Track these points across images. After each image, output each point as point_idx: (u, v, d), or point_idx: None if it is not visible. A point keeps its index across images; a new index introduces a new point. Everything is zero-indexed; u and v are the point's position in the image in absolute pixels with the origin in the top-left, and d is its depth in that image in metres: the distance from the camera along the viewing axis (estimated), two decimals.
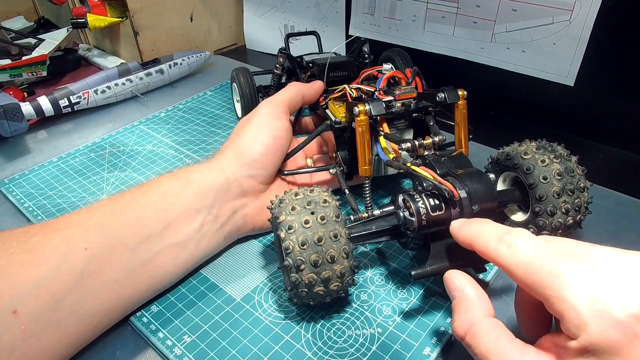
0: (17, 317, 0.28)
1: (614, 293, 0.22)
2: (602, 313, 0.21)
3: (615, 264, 0.24)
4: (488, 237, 0.27)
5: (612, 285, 0.22)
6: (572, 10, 0.51)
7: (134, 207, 0.35)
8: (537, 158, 0.36)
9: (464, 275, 0.29)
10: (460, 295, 0.28)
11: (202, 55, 0.75)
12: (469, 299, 0.28)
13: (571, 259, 0.24)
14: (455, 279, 0.29)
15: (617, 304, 0.21)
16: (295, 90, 0.45)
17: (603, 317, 0.21)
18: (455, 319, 0.27)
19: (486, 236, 0.28)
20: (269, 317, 0.36)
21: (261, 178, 0.41)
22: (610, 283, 0.22)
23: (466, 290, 0.28)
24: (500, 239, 0.26)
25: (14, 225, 0.46)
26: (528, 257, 0.25)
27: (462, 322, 0.27)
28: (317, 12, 0.77)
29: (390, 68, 0.50)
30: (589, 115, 0.57)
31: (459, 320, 0.27)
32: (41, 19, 0.93)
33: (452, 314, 0.28)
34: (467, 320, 0.27)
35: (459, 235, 0.30)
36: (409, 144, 0.36)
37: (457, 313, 0.28)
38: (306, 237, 0.31)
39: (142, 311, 0.36)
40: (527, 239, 0.26)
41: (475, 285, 0.28)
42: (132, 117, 0.64)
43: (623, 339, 0.21)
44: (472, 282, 0.29)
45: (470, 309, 0.27)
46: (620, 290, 0.22)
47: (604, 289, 0.22)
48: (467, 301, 0.28)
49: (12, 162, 0.56)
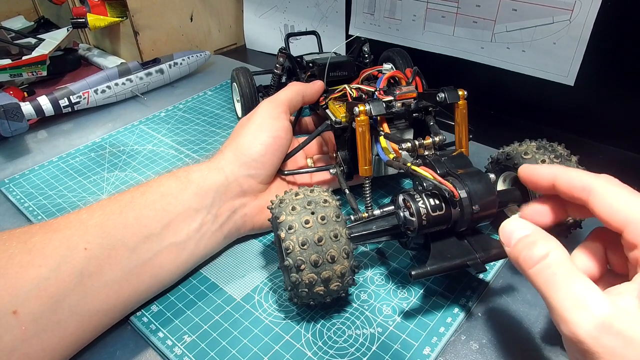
0: (17, 317, 0.28)
1: None
2: None
3: None
4: (582, 176, 0.28)
5: None
6: (572, 10, 0.51)
7: (133, 207, 0.35)
8: (537, 158, 0.36)
9: (527, 220, 0.29)
10: (532, 231, 0.27)
11: (202, 55, 0.75)
12: (542, 232, 0.27)
13: None
14: (521, 221, 0.29)
15: None
16: (295, 90, 0.45)
17: None
18: (530, 247, 0.26)
19: (579, 176, 0.28)
20: (269, 317, 0.36)
21: (260, 178, 0.41)
22: None
23: (537, 228, 0.28)
24: (596, 178, 0.27)
25: (14, 225, 0.46)
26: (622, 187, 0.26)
27: (539, 250, 0.26)
28: (317, 12, 0.77)
29: (391, 68, 0.49)
30: (589, 115, 0.57)
31: (537, 248, 0.26)
32: (41, 18, 0.93)
33: (519, 246, 0.27)
34: (548, 247, 0.26)
35: (541, 172, 0.30)
36: (409, 143, 0.36)
37: (533, 243, 0.26)
38: (306, 237, 0.31)
39: (142, 311, 0.36)
40: (622, 190, 0.26)
41: None
42: (132, 117, 0.64)
43: None
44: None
45: (547, 239, 0.27)
46: None
47: None
48: (541, 234, 0.27)
49: (12, 162, 0.56)
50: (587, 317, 0.22)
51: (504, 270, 0.39)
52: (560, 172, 0.29)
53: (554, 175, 0.29)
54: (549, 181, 0.29)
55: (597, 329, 0.22)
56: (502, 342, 0.33)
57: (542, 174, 0.30)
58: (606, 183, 0.27)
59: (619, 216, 0.25)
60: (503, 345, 0.33)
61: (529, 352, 0.33)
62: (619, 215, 0.25)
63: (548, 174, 0.30)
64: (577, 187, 0.28)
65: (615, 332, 0.22)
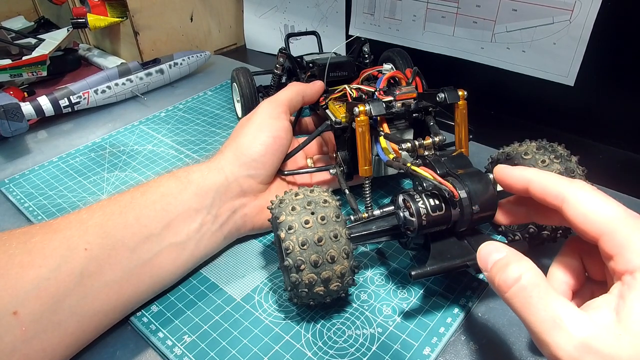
0: (17, 318, 0.28)
1: None
2: None
3: None
4: (556, 183, 0.27)
5: None
6: (572, 10, 0.51)
7: (133, 208, 0.35)
8: (537, 158, 0.36)
9: (503, 244, 0.28)
10: (507, 254, 0.27)
11: (202, 55, 0.75)
12: (516, 255, 0.27)
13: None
14: (496, 244, 0.28)
15: None
16: (295, 90, 0.45)
17: None
18: (504, 270, 0.26)
19: (553, 182, 0.28)
20: (269, 317, 0.36)
21: (260, 178, 0.41)
22: None
23: (511, 251, 0.27)
24: (570, 185, 0.27)
25: (14, 225, 0.46)
26: (602, 215, 0.25)
27: (513, 273, 0.25)
28: (317, 12, 0.77)
29: (391, 68, 0.50)
30: (589, 115, 0.57)
31: (511, 270, 0.26)
32: (41, 19, 0.93)
33: (495, 269, 0.27)
34: (521, 269, 0.25)
35: (514, 175, 0.30)
36: (409, 144, 0.36)
37: (507, 265, 0.26)
38: (306, 237, 0.31)
39: (142, 311, 0.36)
40: (596, 195, 0.26)
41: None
42: (132, 117, 0.64)
43: None
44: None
45: (520, 261, 0.26)
46: None
47: None
48: (515, 257, 0.26)
49: (12, 162, 0.56)
50: (566, 339, 0.22)
51: None
52: (535, 176, 0.29)
53: (527, 180, 0.29)
54: (523, 185, 0.29)
55: (577, 349, 0.22)
56: (502, 342, 0.33)
57: (515, 177, 0.30)
58: (580, 190, 0.26)
59: (594, 227, 0.25)
60: (503, 346, 0.33)
61: (528, 352, 0.33)
62: (593, 226, 0.25)
63: (521, 178, 0.29)
64: (551, 194, 0.27)
65: (595, 351, 0.22)
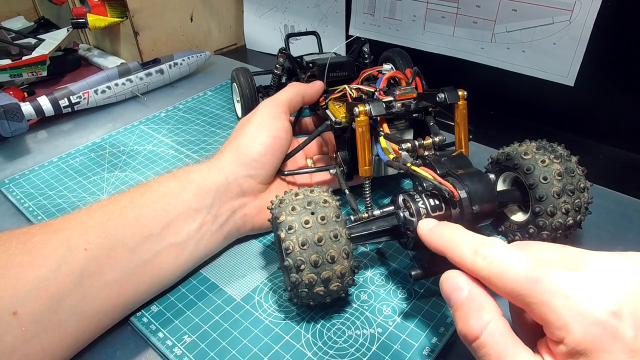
0: (17, 318, 0.29)
1: (590, 293, 0.22)
2: (582, 312, 0.21)
3: (590, 264, 0.24)
4: (463, 249, 0.27)
5: (588, 285, 0.22)
6: (572, 10, 0.51)
7: (133, 208, 0.35)
8: (537, 158, 0.36)
9: (464, 275, 0.27)
10: (468, 294, 0.26)
11: (202, 55, 0.75)
12: (478, 298, 0.26)
13: (545, 263, 0.24)
14: (456, 279, 0.27)
15: (595, 303, 0.22)
16: (295, 90, 0.45)
17: (583, 317, 0.21)
18: (467, 318, 0.25)
19: (461, 248, 0.27)
20: (269, 317, 0.36)
21: (260, 178, 0.41)
22: (586, 283, 0.22)
23: (474, 290, 0.26)
24: (476, 252, 0.26)
25: (14, 225, 0.46)
26: (504, 266, 0.24)
27: (477, 321, 0.24)
28: (317, 12, 0.77)
29: (391, 68, 0.50)
30: (589, 115, 0.57)
31: (473, 318, 0.25)
32: (41, 19, 0.93)
33: (458, 314, 0.26)
34: (484, 318, 0.24)
35: (430, 240, 0.29)
36: (409, 144, 0.36)
37: (469, 312, 0.25)
38: (306, 237, 0.31)
39: (142, 311, 0.36)
40: (501, 249, 0.25)
41: (480, 284, 0.27)
42: (132, 117, 0.64)
43: (605, 336, 0.21)
44: (476, 282, 0.27)
45: (485, 306, 0.25)
46: (596, 289, 0.22)
47: (581, 290, 0.22)
48: (477, 300, 0.25)
49: (12, 162, 0.56)
50: None
51: None
52: (451, 249, 0.28)
53: (443, 248, 0.28)
54: (440, 250, 0.29)
55: None
56: None
57: (434, 241, 0.29)
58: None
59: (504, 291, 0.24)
60: None
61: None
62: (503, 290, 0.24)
63: (439, 245, 0.29)
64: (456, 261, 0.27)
65: None
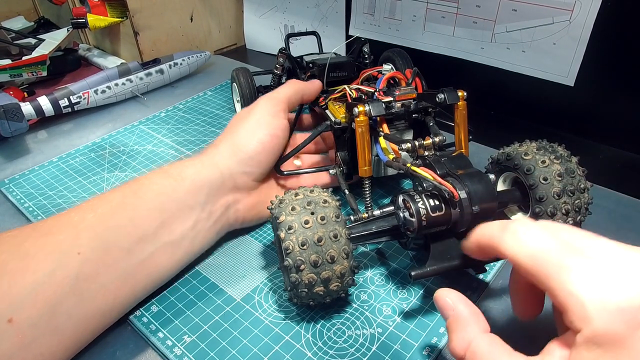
0: (13, 325, 0.28)
1: (617, 285, 0.22)
2: (606, 305, 0.21)
3: (618, 256, 0.24)
4: (492, 229, 0.27)
5: (615, 278, 0.22)
6: (572, 10, 0.51)
7: (125, 208, 0.35)
8: (537, 159, 0.36)
9: (454, 293, 0.28)
10: (454, 313, 0.27)
11: (202, 55, 0.75)
12: (463, 317, 0.27)
13: (576, 251, 0.24)
14: (447, 297, 0.28)
15: (620, 296, 0.22)
16: (294, 88, 0.45)
17: (607, 310, 0.21)
18: (452, 338, 0.26)
19: (490, 229, 0.28)
20: (269, 317, 0.36)
21: (255, 175, 0.41)
22: (613, 276, 0.22)
23: (459, 308, 0.27)
24: (504, 228, 0.26)
25: (14, 225, 0.46)
26: (534, 247, 0.25)
27: (460, 341, 0.26)
28: (317, 12, 0.77)
29: (390, 68, 0.50)
30: (589, 115, 0.57)
31: (456, 339, 0.26)
32: (41, 19, 0.93)
33: (448, 333, 0.27)
34: (465, 339, 0.26)
35: (469, 243, 0.30)
36: (409, 144, 0.36)
37: (453, 332, 0.27)
38: (306, 237, 0.31)
39: (142, 311, 0.36)
40: (531, 227, 0.26)
41: (468, 302, 0.28)
42: (132, 117, 0.64)
43: (627, 330, 0.21)
44: (464, 299, 0.28)
45: (466, 327, 0.26)
46: (623, 282, 0.22)
47: (607, 282, 0.22)
48: (462, 319, 0.27)
49: (12, 162, 0.56)
50: None
51: (504, 271, 0.39)
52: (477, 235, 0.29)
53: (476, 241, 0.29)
54: (478, 248, 0.29)
55: None
56: None
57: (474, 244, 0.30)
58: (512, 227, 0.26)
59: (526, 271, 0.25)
60: None
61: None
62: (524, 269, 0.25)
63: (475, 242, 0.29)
64: (486, 242, 0.28)
65: None
